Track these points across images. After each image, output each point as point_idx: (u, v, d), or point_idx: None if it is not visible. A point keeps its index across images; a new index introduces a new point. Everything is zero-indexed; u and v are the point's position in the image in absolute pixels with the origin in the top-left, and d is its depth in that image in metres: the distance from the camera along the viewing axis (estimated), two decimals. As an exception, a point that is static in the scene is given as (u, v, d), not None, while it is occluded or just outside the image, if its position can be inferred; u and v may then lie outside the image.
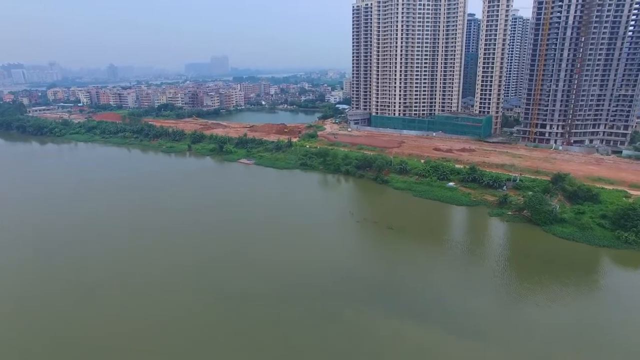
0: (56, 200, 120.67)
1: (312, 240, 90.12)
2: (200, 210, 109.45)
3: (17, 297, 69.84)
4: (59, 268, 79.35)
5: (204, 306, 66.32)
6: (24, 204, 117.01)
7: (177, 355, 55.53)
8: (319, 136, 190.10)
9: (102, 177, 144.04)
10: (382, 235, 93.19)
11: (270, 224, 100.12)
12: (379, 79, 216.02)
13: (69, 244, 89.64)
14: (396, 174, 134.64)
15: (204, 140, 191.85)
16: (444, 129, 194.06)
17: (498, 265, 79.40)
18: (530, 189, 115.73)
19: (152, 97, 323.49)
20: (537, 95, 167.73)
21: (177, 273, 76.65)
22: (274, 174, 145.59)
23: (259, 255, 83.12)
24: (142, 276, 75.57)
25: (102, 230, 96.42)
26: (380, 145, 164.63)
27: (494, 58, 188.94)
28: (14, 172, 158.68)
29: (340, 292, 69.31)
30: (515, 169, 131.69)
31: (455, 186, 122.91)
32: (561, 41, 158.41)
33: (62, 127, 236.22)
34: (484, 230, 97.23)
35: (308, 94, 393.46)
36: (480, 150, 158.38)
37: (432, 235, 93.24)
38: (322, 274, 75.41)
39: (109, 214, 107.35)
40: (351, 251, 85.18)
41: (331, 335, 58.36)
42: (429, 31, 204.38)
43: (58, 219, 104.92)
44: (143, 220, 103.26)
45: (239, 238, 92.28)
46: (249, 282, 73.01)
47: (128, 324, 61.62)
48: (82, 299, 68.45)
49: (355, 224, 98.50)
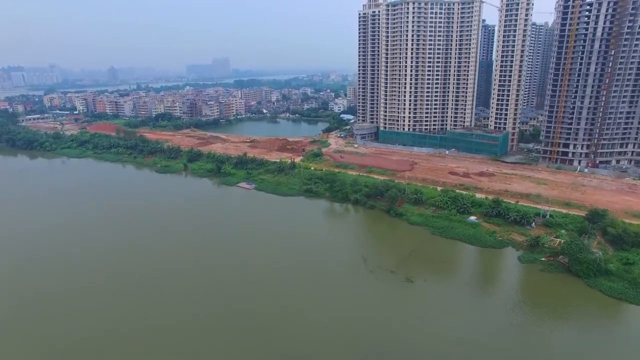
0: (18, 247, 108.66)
1: (321, 300, 77.73)
2: (192, 252, 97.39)
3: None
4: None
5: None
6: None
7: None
8: (324, 154, 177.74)
9: (83, 207, 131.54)
10: (401, 292, 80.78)
11: (271, 271, 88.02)
12: (387, 91, 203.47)
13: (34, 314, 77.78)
14: (411, 204, 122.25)
15: (201, 159, 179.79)
16: (457, 146, 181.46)
17: (545, 339, 66.88)
18: (563, 226, 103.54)
19: (149, 106, 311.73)
20: (560, 112, 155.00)
21: (158, 339, 64.63)
22: (276, 202, 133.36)
23: (257, 318, 71.05)
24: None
25: (74, 284, 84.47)
26: (391, 167, 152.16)
27: (511, 71, 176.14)
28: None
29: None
30: (542, 199, 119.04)
31: (478, 221, 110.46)
32: (588, 54, 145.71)
33: (53, 141, 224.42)
34: (518, 284, 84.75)
35: (311, 101, 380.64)
36: (499, 174, 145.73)
37: (459, 291, 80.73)
38: (333, 349, 63.24)
39: (84, 263, 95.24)
40: (368, 317, 72.56)
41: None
42: (441, 40, 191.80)
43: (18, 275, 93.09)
44: (124, 268, 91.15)
45: (234, 290, 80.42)
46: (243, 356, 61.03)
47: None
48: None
49: (369, 275, 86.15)
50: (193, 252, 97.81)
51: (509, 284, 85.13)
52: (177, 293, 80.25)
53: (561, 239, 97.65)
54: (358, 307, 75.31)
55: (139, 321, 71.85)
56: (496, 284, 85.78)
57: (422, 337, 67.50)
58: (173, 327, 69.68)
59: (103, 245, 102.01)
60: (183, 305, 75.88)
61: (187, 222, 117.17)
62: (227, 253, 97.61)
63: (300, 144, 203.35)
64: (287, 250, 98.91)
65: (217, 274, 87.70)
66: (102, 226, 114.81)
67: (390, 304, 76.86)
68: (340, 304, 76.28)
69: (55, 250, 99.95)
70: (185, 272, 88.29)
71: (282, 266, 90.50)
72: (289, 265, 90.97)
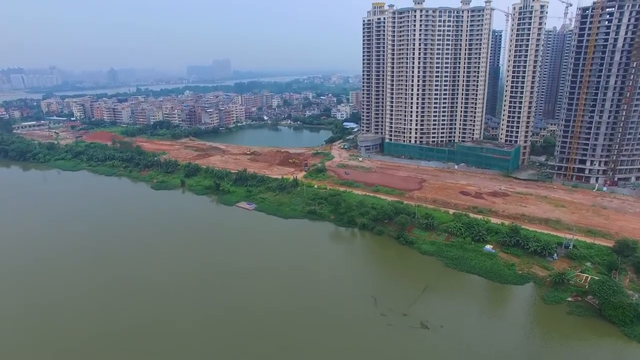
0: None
1: (330, 355, 70.03)
2: (187, 290, 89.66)
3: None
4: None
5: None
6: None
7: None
8: (328, 169, 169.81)
9: (70, 228, 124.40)
10: (417, 342, 72.94)
11: (271, 313, 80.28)
12: (393, 101, 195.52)
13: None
14: (421, 230, 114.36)
15: (199, 174, 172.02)
16: (466, 160, 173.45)
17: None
18: (588, 259, 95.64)
19: (147, 113, 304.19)
20: (577, 127, 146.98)
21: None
22: (278, 226, 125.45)
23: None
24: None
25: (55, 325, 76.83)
26: (399, 186, 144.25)
27: (523, 82, 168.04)
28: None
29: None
30: (563, 226, 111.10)
31: (494, 251, 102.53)
32: (608, 67, 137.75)
33: (46, 153, 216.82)
34: (545, 330, 76.59)
35: (312, 107, 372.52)
36: (513, 193, 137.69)
37: (479, 340, 72.86)
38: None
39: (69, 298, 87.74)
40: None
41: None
42: (449, 49, 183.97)
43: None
44: (111, 309, 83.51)
45: (225, 339, 72.68)
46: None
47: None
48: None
49: (380, 320, 78.27)
50: (188, 288, 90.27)
51: (534, 330, 77.06)
52: (170, 336, 72.60)
53: (587, 273, 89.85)
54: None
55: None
56: (520, 330, 77.64)
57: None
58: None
59: (88, 278, 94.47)
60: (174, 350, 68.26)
61: (182, 251, 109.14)
62: (222, 289, 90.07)
63: (302, 156, 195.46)
64: (289, 286, 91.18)
65: (209, 315, 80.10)
66: (88, 254, 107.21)
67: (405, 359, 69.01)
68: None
69: (30, 293, 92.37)
70: (180, 310, 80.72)
71: (282, 307, 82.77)
72: (290, 307, 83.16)
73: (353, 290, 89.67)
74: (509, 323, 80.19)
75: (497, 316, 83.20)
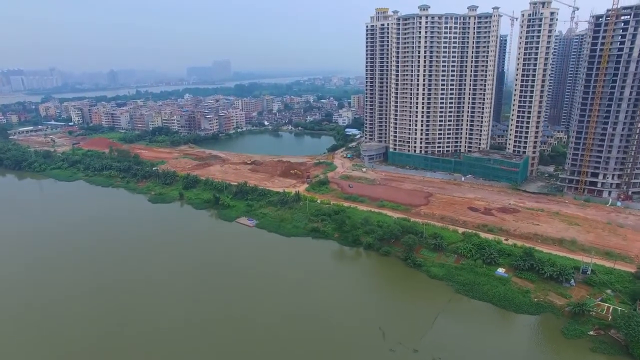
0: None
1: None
2: (182, 308, 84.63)
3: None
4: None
5: None
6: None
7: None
8: (331, 181, 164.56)
9: (62, 245, 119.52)
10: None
11: (269, 347, 75.21)
12: (398, 110, 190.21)
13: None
14: (430, 250, 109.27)
15: (198, 186, 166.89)
16: (473, 171, 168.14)
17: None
18: (608, 285, 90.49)
19: (146, 119, 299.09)
20: (589, 139, 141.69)
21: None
22: (280, 244, 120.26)
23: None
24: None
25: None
26: (405, 201, 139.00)
27: (532, 91, 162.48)
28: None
29: None
30: (578, 247, 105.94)
31: (507, 275, 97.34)
32: (622, 77, 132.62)
33: (42, 161, 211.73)
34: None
35: (314, 111, 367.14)
36: (524, 210, 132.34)
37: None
38: None
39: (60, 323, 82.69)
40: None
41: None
42: (455, 56, 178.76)
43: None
44: (105, 328, 78.52)
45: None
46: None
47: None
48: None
49: (390, 357, 73.16)
50: (183, 309, 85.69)
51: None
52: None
53: (609, 303, 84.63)
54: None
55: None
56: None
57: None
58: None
59: (75, 309, 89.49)
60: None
61: (178, 271, 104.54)
62: (218, 316, 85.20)
63: (304, 166, 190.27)
64: (290, 314, 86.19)
65: (205, 343, 75.10)
66: (79, 272, 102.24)
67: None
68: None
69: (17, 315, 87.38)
70: (174, 333, 75.73)
71: (282, 337, 77.98)
72: (291, 337, 78.35)
73: (359, 319, 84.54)
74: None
75: (514, 353, 77.75)
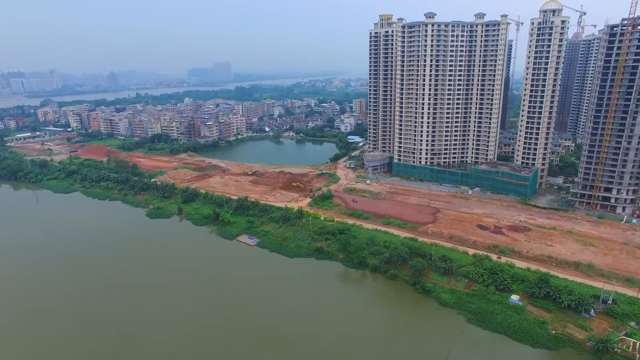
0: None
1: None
2: (176, 344, 79.81)
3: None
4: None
5: None
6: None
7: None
8: (334, 195, 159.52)
9: (44, 273, 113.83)
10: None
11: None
12: (402, 119, 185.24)
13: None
14: (439, 274, 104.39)
15: (197, 199, 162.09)
16: (480, 184, 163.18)
17: None
18: (632, 317, 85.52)
19: (145, 126, 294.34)
20: (603, 153, 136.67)
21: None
22: (282, 266, 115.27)
23: None
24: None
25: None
26: (411, 218, 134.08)
27: (542, 102, 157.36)
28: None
29: None
30: (596, 272, 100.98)
31: (522, 303, 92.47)
32: (638, 89, 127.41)
33: (39, 172, 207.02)
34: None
35: (315, 116, 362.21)
36: (535, 227, 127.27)
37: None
38: None
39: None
40: None
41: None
42: (462, 65, 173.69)
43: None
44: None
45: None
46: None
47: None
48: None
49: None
50: (178, 335, 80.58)
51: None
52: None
53: (635, 338, 79.67)
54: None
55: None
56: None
57: None
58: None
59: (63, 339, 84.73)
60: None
61: (175, 294, 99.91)
62: (216, 341, 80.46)
63: (306, 177, 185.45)
64: (291, 343, 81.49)
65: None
66: (67, 303, 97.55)
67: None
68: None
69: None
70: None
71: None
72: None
73: (366, 353, 79.62)
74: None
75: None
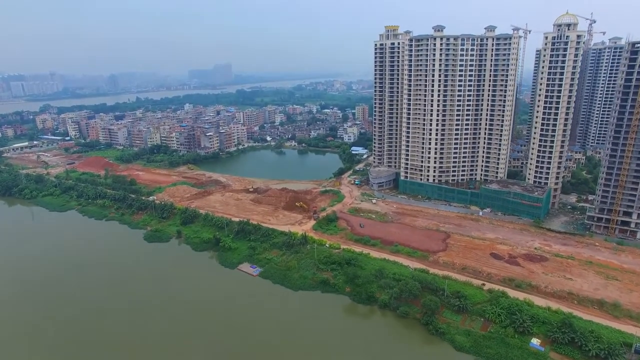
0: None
1: None
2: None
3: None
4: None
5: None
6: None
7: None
8: (339, 216, 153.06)
9: (31, 303, 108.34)
10: None
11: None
12: (410, 135, 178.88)
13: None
14: (453, 312, 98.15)
15: (197, 221, 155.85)
16: (491, 204, 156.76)
17: None
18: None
19: (144, 136, 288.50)
20: (623, 176, 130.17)
21: None
22: (286, 300, 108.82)
23: None
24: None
25: None
26: (421, 245, 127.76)
27: (555, 120, 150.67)
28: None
29: None
30: (623, 313, 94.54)
31: (543, 349, 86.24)
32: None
33: (34, 187, 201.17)
34: None
35: (317, 125, 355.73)
36: (552, 256, 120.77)
37: None
38: None
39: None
40: None
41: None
42: (472, 80, 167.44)
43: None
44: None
45: None
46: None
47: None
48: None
49: None
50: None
51: None
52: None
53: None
54: None
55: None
56: None
57: None
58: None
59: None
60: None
61: (171, 330, 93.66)
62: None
63: (310, 195, 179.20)
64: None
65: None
66: (58, 326, 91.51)
67: None
68: None
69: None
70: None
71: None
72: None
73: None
74: None
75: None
